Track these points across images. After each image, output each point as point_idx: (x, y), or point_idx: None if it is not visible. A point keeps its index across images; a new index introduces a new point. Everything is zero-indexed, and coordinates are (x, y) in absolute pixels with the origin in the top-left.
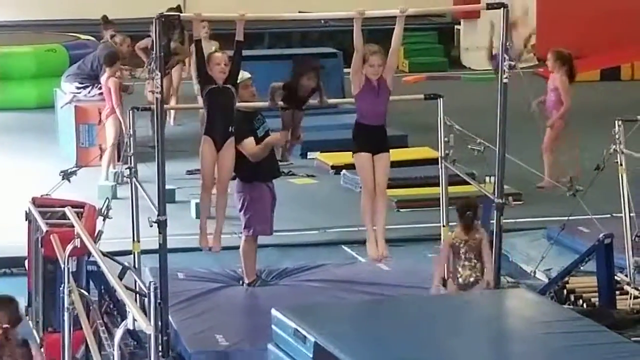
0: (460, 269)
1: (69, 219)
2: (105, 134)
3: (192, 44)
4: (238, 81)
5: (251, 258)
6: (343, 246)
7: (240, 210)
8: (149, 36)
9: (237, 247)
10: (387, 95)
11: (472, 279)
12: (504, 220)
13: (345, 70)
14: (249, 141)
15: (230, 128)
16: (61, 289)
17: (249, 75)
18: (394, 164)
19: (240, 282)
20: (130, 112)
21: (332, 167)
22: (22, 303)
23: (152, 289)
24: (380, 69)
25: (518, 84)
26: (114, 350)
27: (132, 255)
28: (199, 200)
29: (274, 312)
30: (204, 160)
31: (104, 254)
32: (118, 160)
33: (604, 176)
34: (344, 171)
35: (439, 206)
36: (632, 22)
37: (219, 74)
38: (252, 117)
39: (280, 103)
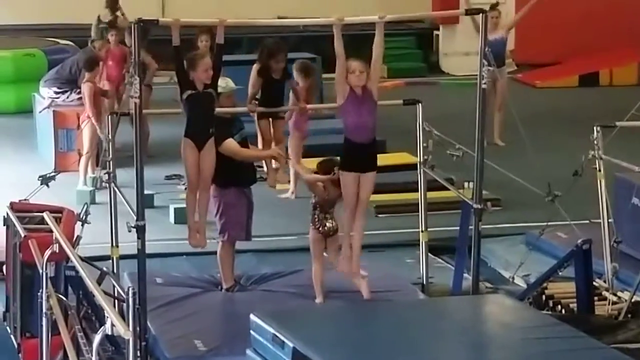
0: (326, 222)
1: (47, 224)
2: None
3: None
4: (224, 90)
5: (228, 263)
6: None
7: (215, 215)
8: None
9: (215, 253)
10: (372, 106)
11: (333, 227)
12: (482, 226)
13: (324, 75)
14: (230, 141)
15: (210, 130)
16: (39, 294)
17: (234, 87)
18: None
19: (219, 287)
20: (109, 117)
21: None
22: (0, 308)
23: (130, 294)
24: (362, 76)
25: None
26: (92, 355)
27: (110, 261)
28: (185, 201)
29: (252, 317)
30: (188, 162)
31: (83, 259)
32: (97, 165)
33: (582, 182)
34: None
35: (418, 212)
36: (610, 27)
37: (206, 80)
38: (229, 122)
39: (259, 109)
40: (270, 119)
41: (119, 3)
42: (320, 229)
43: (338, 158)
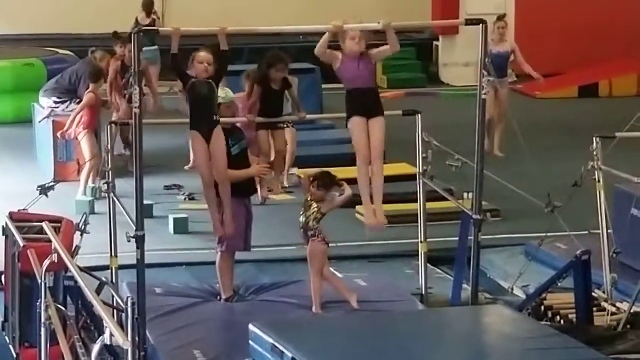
0: (322, 233)
1: (46, 234)
2: (82, 149)
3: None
4: (224, 100)
5: (227, 274)
6: None
7: None
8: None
9: (215, 263)
10: (369, 63)
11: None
12: (481, 236)
13: (324, 85)
14: None
15: (214, 117)
16: (38, 303)
17: (234, 96)
18: None
19: (218, 297)
20: (108, 127)
21: None
22: None
23: (129, 304)
24: (361, 42)
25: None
26: None
27: (109, 270)
28: (205, 198)
29: (251, 327)
30: (197, 157)
31: (81, 269)
32: (96, 175)
33: (581, 193)
34: None
35: (417, 222)
36: (610, 38)
37: (202, 73)
38: (228, 133)
39: (259, 119)
40: (270, 129)
41: (154, 6)
42: (326, 239)
43: (330, 171)
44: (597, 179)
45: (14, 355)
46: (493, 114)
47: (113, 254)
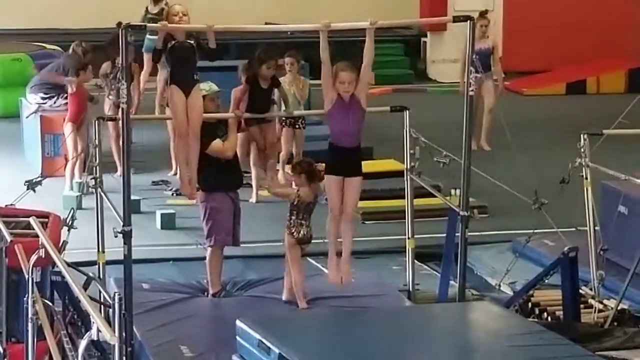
0: (301, 229)
1: (33, 229)
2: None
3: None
4: (208, 92)
5: (216, 269)
6: (308, 258)
7: (202, 220)
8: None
9: (203, 258)
10: (359, 114)
11: (307, 235)
12: (469, 233)
13: (311, 82)
14: (216, 142)
15: (194, 76)
16: (25, 299)
17: (218, 89)
18: None
19: (205, 293)
20: (96, 122)
21: None
22: None
23: (116, 300)
24: (350, 87)
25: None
26: None
27: (96, 266)
28: (174, 149)
29: (238, 323)
30: (175, 107)
31: (69, 264)
32: (83, 170)
33: (569, 190)
34: None
35: (404, 218)
36: (598, 36)
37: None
38: (215, 127)
39: (247, 115)
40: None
41: None
42: (295, 234)
43: (312, 160)
44: (584, 176)
45: (1, 351)
46: (477, 109)
47: (100, 250)
